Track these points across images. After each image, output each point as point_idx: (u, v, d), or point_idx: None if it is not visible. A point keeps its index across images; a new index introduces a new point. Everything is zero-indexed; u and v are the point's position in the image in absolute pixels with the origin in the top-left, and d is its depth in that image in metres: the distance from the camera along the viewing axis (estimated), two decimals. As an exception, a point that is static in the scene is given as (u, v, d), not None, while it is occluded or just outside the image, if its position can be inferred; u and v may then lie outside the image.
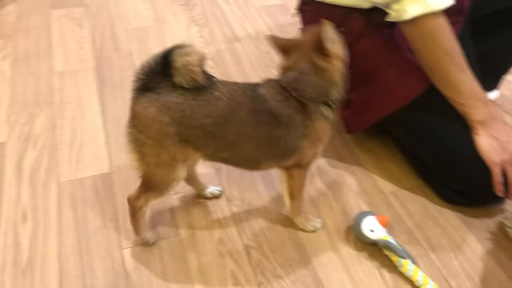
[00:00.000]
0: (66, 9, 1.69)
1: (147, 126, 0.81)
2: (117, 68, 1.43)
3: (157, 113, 0.79)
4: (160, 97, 0.80)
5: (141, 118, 0.81)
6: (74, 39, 1.55)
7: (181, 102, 0.79)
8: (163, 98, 0.79)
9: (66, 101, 1.31)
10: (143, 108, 0.80)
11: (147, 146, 0.82)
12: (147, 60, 0.81)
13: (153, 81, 0.80)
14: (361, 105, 1.08)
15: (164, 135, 0.81)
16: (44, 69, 1.42)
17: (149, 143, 0.82)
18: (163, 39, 1.56)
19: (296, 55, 0.84)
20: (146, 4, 1.74)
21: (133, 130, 0.83)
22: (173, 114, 0.79)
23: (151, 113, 0.80)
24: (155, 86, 0.80)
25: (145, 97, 0.80)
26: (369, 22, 1.01)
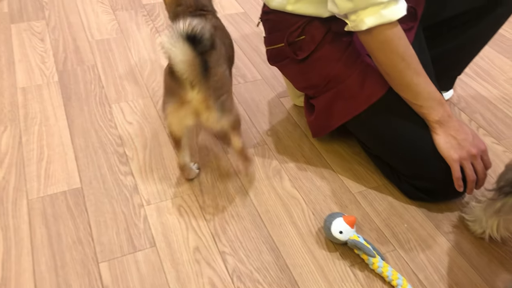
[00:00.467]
0: (26, 23, 1.67)
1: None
2: (81, 81, 1.42)
3: None
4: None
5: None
6: (36, 53, 1.53)
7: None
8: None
9: (31, 116, 1.29)
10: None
11: None
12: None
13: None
14: (324, 110, 1.12)
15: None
16: (7, 85, 1.39)
17: None
18: (127, 50, 1.56)
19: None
20: (109, 15, 1.74)
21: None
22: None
23: None
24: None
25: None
26: (329, 30, 1.06)
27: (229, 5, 1.85)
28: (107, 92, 1.39)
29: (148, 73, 1.47)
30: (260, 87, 1.44)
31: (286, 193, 1.11)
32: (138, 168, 1.16)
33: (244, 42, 1.64)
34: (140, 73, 1.47)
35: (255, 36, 1.67)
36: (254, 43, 1.64)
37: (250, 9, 1.84)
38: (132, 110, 1.33)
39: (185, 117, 0.98)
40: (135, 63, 1.51)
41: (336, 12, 0.94)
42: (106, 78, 1.44)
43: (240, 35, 1.68)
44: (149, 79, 1.45)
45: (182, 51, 0.86)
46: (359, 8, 0.89)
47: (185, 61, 0.87)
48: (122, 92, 1.39)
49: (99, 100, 1.36)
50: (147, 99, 1.37)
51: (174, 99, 0.96)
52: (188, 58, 0.87)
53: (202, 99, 0.94)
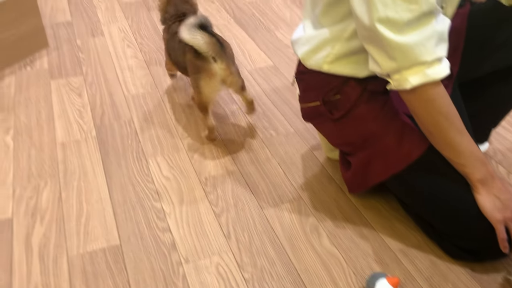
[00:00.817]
0: (64, 79, 1.73)
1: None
2: (118, 135, 1.46)
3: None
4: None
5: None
6: (74, 108, 1.58)
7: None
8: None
9: (70, 172, 1.32)
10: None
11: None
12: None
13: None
14: (361, 168, 1.12)
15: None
16: (47, 140, 1.44)
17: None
18: (162, 104, 1.61)
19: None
20: (143, 70, 1.80)
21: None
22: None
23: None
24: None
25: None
26: (365, 90, 1.07)
27: (258, 59, 1.90)
28: (143, 146, 1.42)
29: (183, 127, 1.50)
30: (293, 140, 1.46)
31: (325, 251, 1.09)
32: (175, 224, 1.17)
33: (275, 95, 1.67)
34: (175, 127, 1.50)
35: (285, 89, 1.71)
36: (284, 96, 1.67)
37: (280, 62, 1.88)
38: (168, 164, 1.36)
39: (215, 85, 1.29)
40: (170, 118, 1.55)
41: (378, 72, 0.95)
42: (142, 132, 1.48)
43: (270, 88, 1.72)
44: (184, 133, 1.48)
45: (201, 37, 1.21)
46: (402, 68, 0.90)
47: (207, 42, 1.22)
48: (158, 146, 1.42)
49: (136, 154, 1.39)
50: (183, 153, 1.40)
51: (205, 73, 1.27)
52: (207, 40, 1.22)
53: (225, 67, 1.27)
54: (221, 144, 1.44)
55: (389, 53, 0.90)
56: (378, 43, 0.91)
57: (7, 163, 1.35)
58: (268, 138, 1.46)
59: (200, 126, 1.51)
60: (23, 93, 1.65)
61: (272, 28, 2.15)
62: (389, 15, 0.87)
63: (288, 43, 2.02)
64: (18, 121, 1.52)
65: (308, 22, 1.12)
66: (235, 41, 2.03)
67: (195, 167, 1.35)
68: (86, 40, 2.00)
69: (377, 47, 0.92)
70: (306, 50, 1.08)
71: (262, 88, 1.71)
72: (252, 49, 1.97)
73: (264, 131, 1.50)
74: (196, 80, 1.29)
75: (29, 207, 1.21)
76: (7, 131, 1.47)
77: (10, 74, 1.75)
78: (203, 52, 1.23)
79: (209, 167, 1.35)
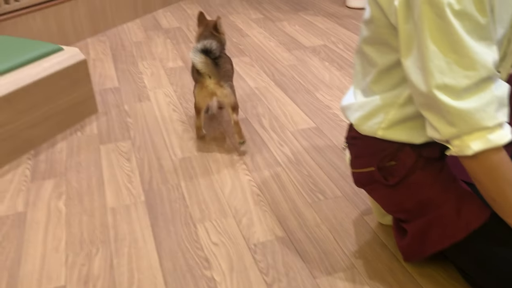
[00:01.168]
0: (113, 143, 1.79)
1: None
2: (167, 200, 1.48)
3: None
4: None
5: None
6: (124, 173, 1.61)
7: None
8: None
9: (121, 238, 1.33)
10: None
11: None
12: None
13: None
14: (418, 236, 1.09)
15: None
16: (97, 205, 1.46)
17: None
18: (208, 168, 1.62)
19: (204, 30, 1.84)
20: (189, 134, 1.84)
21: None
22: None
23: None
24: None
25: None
26: (421, 156, 1.06)
27: (300, 120, 1.92)
28: (191, 211, 1.43)
29: (229, 191, 1.51)
30: (342, 204, 1.43)
31: (385, 325, 1.04)
32: (227, 294, 1.14)
33: (319, 157, 1.67)
34: (221, 191, 1.51)
35: (330, 150, 1.70)
36: (329, 157, 1.67)
37: (322, 123, 1.89)
38: (217, 230, 1.35)
39: (206, 95, 1.67)
40: (216, 181, 1.56)
41: (438, 138, 0.94)
42: (189, 196, 1.49)
43: (314, 149, 1.72)
44: (230, 197, 1.48)
45: (199, 58, 1.56)
46: (463, 133, 0.88)
47: (202, 62, 1.57)
48: (206, 211, 1.42)
49: (184, 220, 1.39)
50: (230, 218, 1.39)
51: (199, 85, 1.66)
52: (204, 61, 1.57)
53: (215, 82, 1.63)
54: (268, 208, 1.43)
55: (449, 119, 0.89)
56: (436, 109, 0.90)
57: (60, 229, 1.37)
58: (315, 202, 1.45)
59: (246, 189, 1.52)
60: (74, 158, 1.70)
61: (312, 89, 2.18)
62: (446, 82, 0.87)
63: (329, 104, 2.04)
64: (70, 186, 1.56)
65: (359, 88, 1.13)
66: (276, 103, 2.06)
67: (243, 233, 1.34)
68: (133, 105, 2.07)
69: (436, 113, 0.91)
70: (359, 116, 1.09)
71: (306, 150, 1.72)
72: (294, 111, 1.99)
73: (311, 194, 1.48)
74: (194, 89, 1.71)
75: (81, 274, 1.22)
76: (59, 196, 1.51)
77: (62, 140, 1.82)
78: (200, 70, 1.61)
79: (258, 233, 1.33)
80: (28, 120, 1.71)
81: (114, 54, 2.66)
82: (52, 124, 1.81)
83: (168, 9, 3.53)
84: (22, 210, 1.45)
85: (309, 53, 2.60)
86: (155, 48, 2.75)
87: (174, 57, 2.60)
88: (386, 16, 0.95)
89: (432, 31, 0.85)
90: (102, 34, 3.00)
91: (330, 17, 3.21)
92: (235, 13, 3.39)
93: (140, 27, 3.11)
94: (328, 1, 3.59)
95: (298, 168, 1.62)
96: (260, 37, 2.88)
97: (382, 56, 1.03)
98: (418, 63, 0.90)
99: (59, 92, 1.80)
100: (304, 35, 2.89)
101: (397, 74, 1.01)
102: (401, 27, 0.91)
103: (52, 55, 1.81)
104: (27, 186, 1.56)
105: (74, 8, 2.78)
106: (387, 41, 0.99)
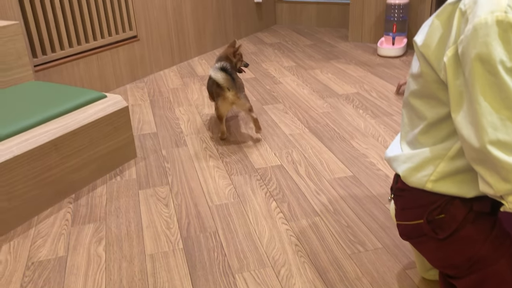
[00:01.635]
0: (151, 188, 1.81)
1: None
2: (205, 248, 1.47)
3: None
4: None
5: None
6: (162, 219, 1.63)
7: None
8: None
9: (160, 286, 1.32)
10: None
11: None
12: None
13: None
14: (469, 292, 1.05)
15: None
16: (136, 251, 1.47)
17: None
18: (245, 215, 1.62)
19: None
20: (225, 180, 1.85)
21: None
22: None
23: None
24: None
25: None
26: (471, 210, 1.03)
27: (337, 169, 1.91)
28: (229, 260, 1.41)
29: (267, 240, 1.50)
30: (383, 256, 1.40)
31: None
32: None
33: (357, 206, 1.65)
34: (259, 240, 1.50)
35: (368, 200, 1.68)
36: (367, 207, 1.64)
37: (358, 172, 1.88)
38: (255, 280, 1.33)
39: (227, 105, 2.09)
40: (253, 229, 1.55)
41: (491, 194, 0.92)
42: (227, 245, 1.48)
43: (352, 199, 1.70)
44: (268, 247, 1.47)
45: (220, 75, 1.98)
46: None
47: (223, 78, 1.98)
48: (244, 261, 1.41)
49: (222, 269, 1.38)
50: (269, 269, 1.37)
51: (221, 97, 2.07)
52: (224, 77, 1.98)
53: (234, 94, 2.04)
54: (307, 259, 1.40)
55: (503, 174, 0.87)
56: (490, 164, 0.89)
57: (100, 275, 1.38)
58: (355, 254, 1.42)
59: (284, 239, 1.50)
60: (113, 203, 1.73)
61: (347, 137, 2.18)
62: (500, 138, 0.86)
63: (365, 152, 2.03)
64: (110, 231, 1.57)
65: (405, 140, 1.12)
66: (312, 150, 2.07)
67: (283, 284, 1.31)
68: (171, 150, 2.11)
69: (489, 169, 0.89)
70: (407, 168, 1.08)
71: (344, 199, 1.70)
72: (330, 159, 1.99)
73: (351, 245, 1.46)
74: (217, 101, 2.11)
75: (120, 323, 1.21)
76: (99, 241, 1.52)
77: (102, 184, 1.85)
78: (221, 84, 2.02)
79: (297, 285, 1.31)
80: (71, 164, 1.75)
81: (152, 100, 2.74)
82: (94, 168, 1.85)
83: (203, 56, 3.64)
84: (63, 255, 1.47)
85: (342, 101, 2.63)
86: (191, 94, 2.82)
87: (209, 104, 2.66)
88: (435, 72, 0.96)
89: (484, 88, 0.85)
90: (140, 80, 3.11)
91: (362, 66, 3.25)
92: (268, 61, 3.47)
93: (176, 74, 3.21)
94: (360, 50, 3.64)
95: (336, 218, 1.60)
96: (293, 85, 2.93)
97: (431, 110, 1.03)
98: (469, 118, 0.90)
99: (102, 137, 1.85)
100: (337, 83, 2.92)
101: (446, 127, 1.01)
102: (451, 82, 0.92)
103: (97, 102, 1.88)
104: (68, 230, 1.59)
105: (115, 56, 2.91)
106: (436, 95, 0.99)
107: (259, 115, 2.47)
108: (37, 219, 1.65)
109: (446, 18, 0.93)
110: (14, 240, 1.54)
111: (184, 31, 3.45)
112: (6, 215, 1.57)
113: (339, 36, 4.13)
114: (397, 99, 2.62)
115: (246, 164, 1.98)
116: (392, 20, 3.41)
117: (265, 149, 2.10)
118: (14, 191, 1.58)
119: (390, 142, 2.11)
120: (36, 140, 1.63)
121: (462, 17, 0.89)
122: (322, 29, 4.42)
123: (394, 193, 1.18)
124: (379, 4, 3.65)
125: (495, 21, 0.83)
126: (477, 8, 0.86)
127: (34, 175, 1.63)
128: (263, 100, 2.68)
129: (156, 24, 3.18)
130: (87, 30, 2.71)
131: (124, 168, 1.97)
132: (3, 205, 1.55)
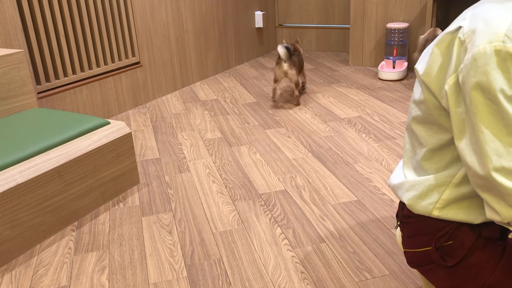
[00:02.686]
0: (155, 215, 1.80)
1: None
2: (209, 276, 1.45)
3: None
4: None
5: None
6: (165, 246, 1.61)
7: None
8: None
9: (164, 316, 1.30)
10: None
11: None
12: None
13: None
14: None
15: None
16: (140, 280, 1.45)
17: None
18: (249, 242, 1.60)
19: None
20: (229, 206, 1.84)
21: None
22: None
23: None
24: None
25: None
26: (480, 236, 1.02)
27: (341, 194, 1.90)
28: (234, 289, 1.39)
29: (272, 267, 1.48)
30: (390, 284, 1.38)
31: None
32: None
33: (363, 232, 1.63)
34: (264, 267, 1.48)
35: (373, 225, 1.67)
36: (373, 233, 1.63)
37: (363, 197, 1.87)
38: (261, 309, 1.31)
39: (281, 72, 2.89)
40: (258, 256, 1.53)
41: (498, 220, 0.91)
42: (232, 273, 1.46)
43: (357, 224, 1.68)
44: (274, 274, 1.45)
45: (281, 51, 2.83)
46: None
47: (282, 53, 2.83)
48: (250, 289, 1.39)
49: (227, 298, 1.36)
50: (275, 297, 1.35)
51: (278, 65, 2.89)
52: (284, 52, 2.83)
53: (288, 66, 2.87)
54: (313, 287, 1.38)
55: (509, 201, 0.86)
56: (495, 191, 0.88)
57: (103, 305, 1.35)
58: (363, 281, 1.40)
59: (289, 266, 1.48)
60: (116, 231, 1.71)
61: (351, 161, 2.18)
62: (504, 165, 0.85)
63: (369, 176, 2.02)
64: (113, 259, 1.55)
65: (409, 166, 1.12)
66: (315, 175, 2.06)
67: (289, 313, 1.29)
68: (174, 176, 2.10)
69: (495, 195, 0.89)
70: (412, 196, 1.07)
71: (349, 225, 1.68)
72: (334, 183, 1.98)
73: (358, 272, 1.44)
74: (275, 67, 2.91)
75: None
76: (102, 270, 1.50)
77: (104, 211, 1.84)
78: (281, 56, 2.85)
79: (304, 314, 1.28)
80: (75, 191, 1.74)
81: (155, 125, 2.75)
82: (97, 195, 1.84)
83: (205, 81, 3.67)
84: (65, 284, 1.44)
85: (345, 125, 2.63)
86: (194, 119, 2.83)
87: (212, 128, 2.66)
88: (437, 99, 0.96)
89: (486, 116, 0.85)
90: (143, 106, 3.12)
91: (364, 89, 3.27)
92: (269, 85, 3.49)
93: (179, 99, 3.23)
94: (361, 74, 3.67)
95: (342, 244, 1.58)
96: (295, 109, 2.94)
97: (432, 135, 1.02)
98: (473, 145, 0.89)
99: (105, 164, 1.85)
100: (339, 107, 2.93)
101: (449, 153, 1.00)
102: (452, 110, 0.92)
103: (100, 128, 1.88)
104: (70, 258, 1.57)
105: (118, 82, 2.93)
106: (439, 121, 0.99)
107: (260, 140, 2.47)
108: (39, 247, 1.63)
109: (446, 47, 0.94)
110: (16, 270, 1.52)
111: (186, 57, 3.48)
112: (9, 244, 1.55)
113: (339, 60, 4.17)
114: (400, 122, 2.63)
115: (250, 190, 1.97)
116: (392, 44, 3.45)
117: (268, 174, 2.09)
118: (17, 219, 1.56)
119: (394, 166, 2.10)
120: (39, 168, 1.62)
121: (461, 46, 0.89)
122: (322, 54, 4.46)
123: (400, 220, 1.16)
124: (379, 29, 3.69)
125: (493, 50, 0.84)
126: (476, 38, 0.86)
127: (37, 203, 1.62)
128: (265, 124, 2.69)
129: (159, 51, 3.22)
130: (90, 57, 2.74)
131: (127, 195, 1.96)
132: (6, 234, 1.54)
